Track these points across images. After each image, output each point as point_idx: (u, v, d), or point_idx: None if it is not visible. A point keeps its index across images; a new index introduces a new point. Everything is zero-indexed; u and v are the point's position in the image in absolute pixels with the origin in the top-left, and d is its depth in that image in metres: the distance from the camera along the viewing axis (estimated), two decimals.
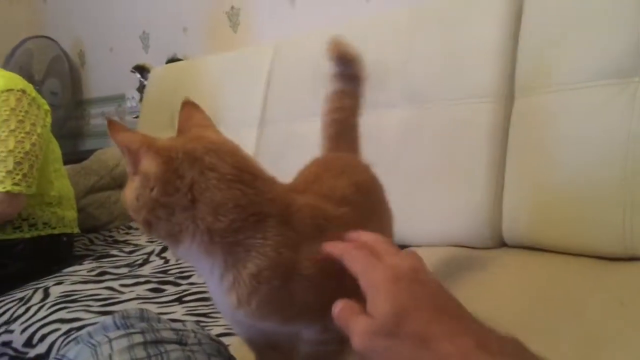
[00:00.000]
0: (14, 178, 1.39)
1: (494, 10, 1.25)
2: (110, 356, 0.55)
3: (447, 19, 1.33)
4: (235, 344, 0.76)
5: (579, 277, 0.99)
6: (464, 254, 1.19)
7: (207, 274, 0.53)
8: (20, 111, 1.44)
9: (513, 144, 1.19)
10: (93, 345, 0.60)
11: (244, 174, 0.52)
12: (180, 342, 0.59)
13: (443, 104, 1.30)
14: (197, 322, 0.77)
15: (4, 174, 1.39)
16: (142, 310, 0.70)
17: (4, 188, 1.38)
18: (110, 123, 0.53)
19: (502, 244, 1.20)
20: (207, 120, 0.60)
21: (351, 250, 0.48)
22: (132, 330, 0.61)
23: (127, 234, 1.90)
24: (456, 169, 1.25)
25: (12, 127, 1.42)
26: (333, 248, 0.50)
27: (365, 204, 0.65)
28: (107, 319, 0.68)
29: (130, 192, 0.52)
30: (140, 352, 0.55)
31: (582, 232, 1.06)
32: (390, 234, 0.72)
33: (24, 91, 1.48)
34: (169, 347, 0.57)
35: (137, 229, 1.95)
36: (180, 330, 0.63)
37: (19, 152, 1.41)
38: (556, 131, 1.12)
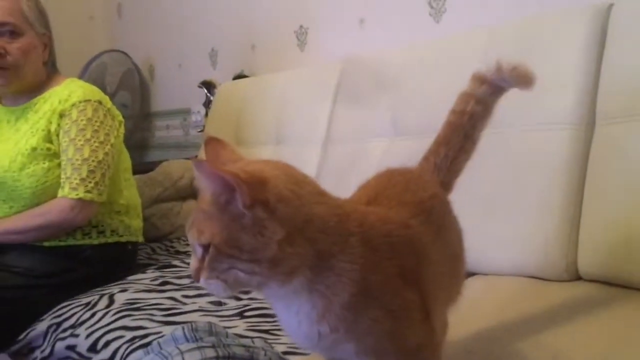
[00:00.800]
0: (87, 186, 1.44)
1: (576, 32, 1.20)
2: None
3: (525, 40, 1.29)
4: None
5: None
6: (537, 286, 1.13)
7: (292, 310, 0.52)
8: (96, 121, 1.49)
9: (592, 174, 1.13)
10: (165, 356, 0.60)
11: (324, 193, 0.53)
12: (251, 359, 0.58)
13: (518, 130, 1.25)
14: (264, 339, 0.76)
15: (77, 181, 1.43)
16: (210, 324, 0.70)
17: (77, 195, 1.43)
18: (197, 162, 0.51)
19: (577, 277, 1.14)
20: (239, 154, 0.58)
21: None
22: (203, 344, 0.60)
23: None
24: (531, 197, 1.19)
25: (88, 136, 1.47)
26: None
27: (434, 218, 0.62)
28: (177, 331, 0.68)
29: (244, 235, 0.50)
30: None
31: None
32: (461, 248, 0.68)
33: (100, 102, 1.53)
34: None
35: None
36: (250, 347, 0.62)
37: (93, 161, 1.45)
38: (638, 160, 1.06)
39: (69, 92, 1.52)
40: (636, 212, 1.05)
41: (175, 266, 1.61)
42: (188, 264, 1.62)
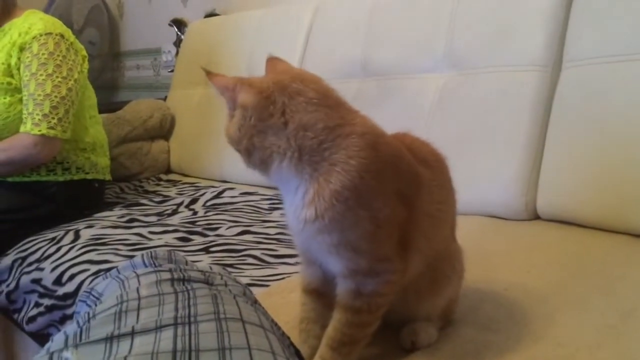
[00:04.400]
0: (50, 122, 1.40)
1: None
2: (137, 290, 0.55)
3: None
4: (260, 294, 0.76)
5: (613, 253, 0.96)
6: (496, 224, 1.16)
7: (292, 194, 0.57)
8: (58, 55, 1.44)
9: (556, 116, 1.15)
10: (121, 279, 0.60)
11: (328, 99, 0.57)
12: (207, 282, 0.59)
13: (486, 71, 1.26)
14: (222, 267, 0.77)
15: (40, 117, 1.40)
16: (170, 251, 0.70)
17: (39, 131, 1.39)
18: (208, 71, 0.59)
19: (536, 216, 1.17)
20: (291, 66, 0.63)
21: None
22: (160, 269, 0.61)
23: (157, 185, 1.92)
24: (494, 138, 1.21)
25: (50, 71, 1.42)
26: None
27: (439, 173, 0.66)
28: (136, 258, 0.68)
29: (232, 126, 0.58)
30: (167, 288, 0.55)
31: (622, 209, 1.02)
32: (454, 213, 0.71)
33: (62, 35, 1.47)
34: (196, 285, 0.56)
35: (167, 180, 1.97)
36: (206, 272, 0.62)
37: (55, 97, 1.41)
38: (604, 104, 1.07)
39: (29, 24, 1.46)
40: (596, 155, 1.07)
41: (143, 204, 1.61)
42: (156, 202, 1.62)
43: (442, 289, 0.67)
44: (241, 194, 1.62)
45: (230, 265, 1.07)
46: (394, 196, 0.57)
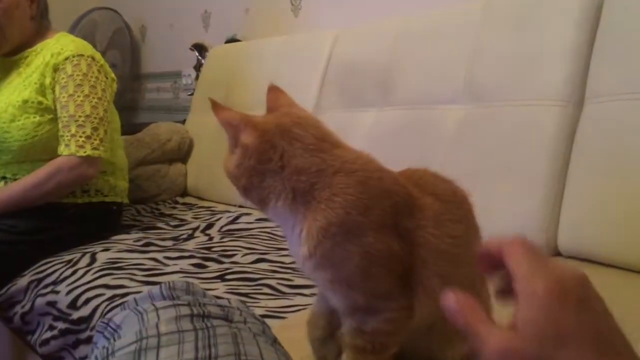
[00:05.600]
0: (93, 143, 1.43)
1: (570, 10, 1.19)
2: (157, 325, 0.54)
3: (520, 17, 1.27)
4: (276, 327, 0.75)
5: (638, 294, 0.94)
6: None
7: (290, 231, 0.58)
8: (92, 76, 1.47)
9: (578, 151, 1.14)
10: (139, 312, 0.60)
11: (324, 143, 0.58)
12: (226, 319, 0.58)
13: (507, 104, 1.25)
14: (241, 300, 0.76)
15: (83, 139, 1.43)
16: (188, 283, 0.70)
17: (84, 153, 1.42)
18: (213, 103, 0.59)
19: (557, 253, 1.15)
20: (292, 100, 0.65)
21: (515, 245, 0.40)
22: (178, 302, 0.60)
23: (174, 208, 1.93)
24: (514, 173, 1.20)
25: (86, 92, 1.45)
26: (491, 240, 0.42)
27: (455, 208, 0.63)
28: (154, 289, 0.67)
29: (231, 163, 0.59)
30: (186, 324, 0.54)
31: None
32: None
33: (93, 58, 1.51)
34: (216, 322, 0.56)
35: (183, 203, 1.98)
36: (225, 306, 0.62)
37: (95, 118, 1.45)
38: (627, 141, 1.06)
39: (61, 45, 1.50)
40: (618, 192, 1.05)
41: (160, 228, 1.61)
42: (172, 226, 1.62)
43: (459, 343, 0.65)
44: (256, 220, 1.62)
45: (246, 295, 1.06)
46: (389, 230, 0.57)
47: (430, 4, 1.67)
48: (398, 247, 0.56)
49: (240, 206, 1.83)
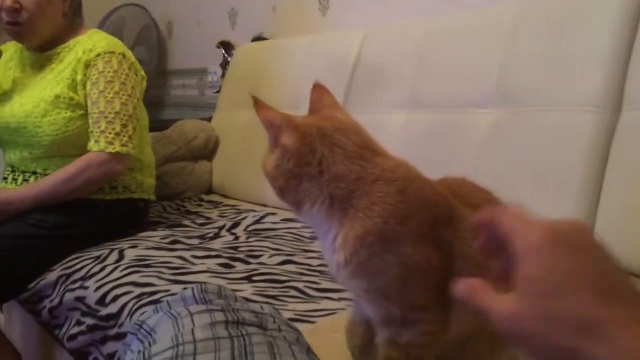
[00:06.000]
0: (122, 139, 1.45)
1: (608, 14, 1.17)
2: (192, 331, 0.54)
3: (555, 20, 1.25)
4: (305, 332, 0.74)
5: None
6: None
7: (323, 236, 0.58)
8: (122, 73, 1.49)
9: (614, 160, 1.11)
10: (174, 316, 0.60)
11: (365, 150, 0.57)
12: (261, 326, 0.58)
13: (539, 109, 1.23)
14: (273, 306, 0.76)
15: (113, 135, 1.44)
16: (220, 286, 0.70)
17: (114, 149, 1.44)
18: (256, 100, 0.58)
19: None
20: (335, 101, 0.64)
21: (504, 211, 0.39)
22: (212, 307, 0.60)
23: (199, 205, 1.94)
24: (546, 180, 1.18)
25: (117, 88, 1.47)
26: (482, 213, 0.41)
27: None
28: (187, 292, 0.68)
29: (269, 163, 0.59)
30: (222, 331, 0.54)
31: None
32: None
33: (124, 55, 1.52)
34: (250, 329, 0.56)
35: (209, 201, 1.99)
36: (258, 312, 0.62)
37: (125, 114, 1.46)
38: None
39: (92, 42, 1.51)
40: None
41: (186, 225, 1.62)
42: (199, 224, 1.63)
43: (503, 352, 0.64)
44: (282, 220, 1.62)
45: (274, 297, 1.06)
46: (427, 241, 0.56)
47: (460, 4, 1.65)
48: (436, 258, 0.56)
49: (266, 205, 1.84)
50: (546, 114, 1.22)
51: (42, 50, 1.57)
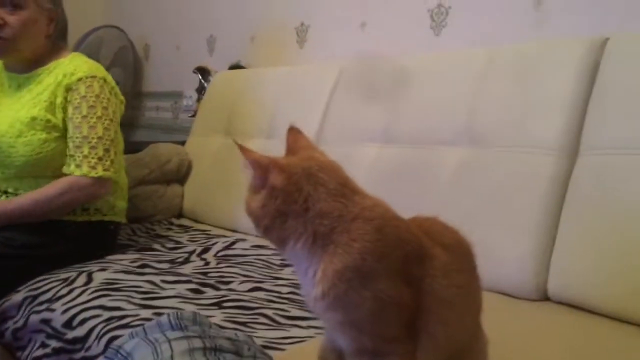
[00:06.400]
0: (104, 164, 1.47)
1: (570, 63, 1.24)
2: (171, 357, 0.56)
3: (522, 65, 1.32)
4: (276, 359, 0.77)
5: (625, 344, 0.97)
6: (506, 303, 1.17)
7: (303, 272, 0.61)
8: (104, 98, 1.51)
9: (570, 200, 1.18)
10: (151, 342, 0.62)
11: (345, 189, 0.61)
12: (237, 353, 0.60)
13: (505, 150, 1.29)
14: (246, 333, 0.78)
15: (95, 160, 1.46)
16: (195, 313, 0.72)
17: (96, 174, 1.46)
18: (241, 146, 0.61)
19: (546, 298, 1.18)
20: (311, 143, 0.68)
21: None
22: (190, 334, 0.62)
23: (169, 229, 1.94)
24: (509, 218, 1.24)
25: (99, 113, 1.49)
26: None
27: (461, 259, 0.67)
28: (163, 318, 0.69)
29: (255, 203, 0.61)
30: (200, 358, 0.56)
31: (634, 299, 1.04)
32: (479, 300, 0.71)
33: (105, 80, 1.54)
34: (227, 356, 0.58)
35: (179, 225, 1.99)
36: (234, 340, 0.64)
37: (107, 139, 1.49)
38: (619, 194, 1.10)
39: (74, 66, 1.53)
40: (609, 243, 1.09)
41: (156, 249, 1.63)
42: (168, 248, 1.64)
43: None
44: (252, 246, 1.63)
45: (243, 324, 1.08)
46: (400, 278, 0.59)
47: (433, 46, 1.73)
48: (407, 294, 0.59)
49: (236, 231, 1.85)
50: (510, 155, 1.28)
51: (22, 71, 1.58)
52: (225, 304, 1.19)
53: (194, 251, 1.60)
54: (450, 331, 0.65)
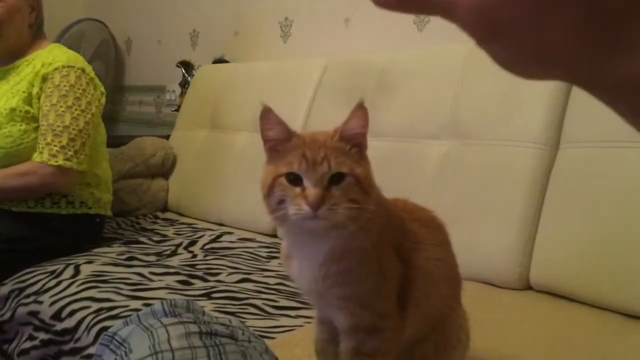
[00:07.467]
0: (66, 154, 1.44)
1: None
2: (168, 340, 0.57)
3: None
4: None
5: (604, 333, 1.00)
6: (489, 292, 1.20)
7: (310, 252, 0.61)
8: (79, 88, 1.49)
9: (552, 192, 1.21)
10: (147, 327, 0.63)
11: None
12: (232, 337, 0.62)
13: (488, 143, 1.32)
14: (239, 319, 0.79)
15: (57, 148, 1.44)
16: (188, 300, 0.73)
17: (56, 162, 1.43)
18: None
19: (528, 287, 1.21)
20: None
21: None
22: (185, 320, 0.63)
23: (154, 223, 1.94)
24: (492, 209, 1.27)
25: (70, 103, 1.47)
26: None
27: (436, 233, 0.69)
28: (156, 305, 0.70)
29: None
30: (197, 341, 0.58)
31: (612, 287, 1.08)
32: (456, 273, 0.74)
33: (83, 70, 1.53)
34: (223, 340, 0.59)
35: (164, 219, 1.99)
36: (229, 325, 0.65)
37: (74, 129, 1.46)
38: (598, 185, 1.14)
39: (52, 56, 1.52)
40: (589, 233, 1.13)
41: (142, 242, 1.63)
42: (155, 241, 1.64)
43: (448, 358, 0.70)
44: (239, 239, 1.65)
45: (233, 314, 1.09)
46: (394, 251, 0.62)
47: (416, 42, 1.75)
48: (399, 267, 0.62)
49: (222, 224, 1.86)
50: (492, 148, 1.31)
51: (3, 63, 1.57)
52: (214, 295, 1.20)
53: (180, 244, 1.61)
54: (432, 300, 0.67)
